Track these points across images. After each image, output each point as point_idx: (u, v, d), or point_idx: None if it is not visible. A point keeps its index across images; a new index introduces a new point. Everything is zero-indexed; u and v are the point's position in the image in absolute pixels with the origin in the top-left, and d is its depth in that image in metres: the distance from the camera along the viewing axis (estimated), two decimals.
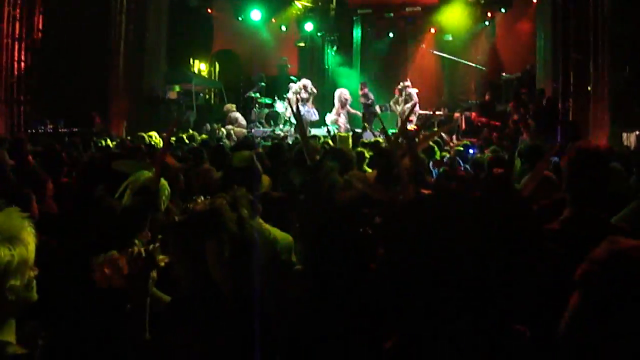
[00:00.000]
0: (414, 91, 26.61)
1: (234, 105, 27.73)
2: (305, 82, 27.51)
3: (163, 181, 4.88)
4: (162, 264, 3.45)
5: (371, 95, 27.26)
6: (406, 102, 26.54)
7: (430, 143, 9.97)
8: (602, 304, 2.33)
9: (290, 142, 15.83)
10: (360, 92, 27.41)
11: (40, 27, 21.18)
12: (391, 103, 27.59)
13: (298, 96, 26.57)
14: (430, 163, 10.01)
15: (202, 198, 3.57)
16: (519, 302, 2.64)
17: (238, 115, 27.01)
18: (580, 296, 2.39)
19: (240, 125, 26.25)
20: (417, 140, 4.13)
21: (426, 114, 24.93)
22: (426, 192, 2.95)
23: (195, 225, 3.39)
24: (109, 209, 4.66)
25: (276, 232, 4.92)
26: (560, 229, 4.22)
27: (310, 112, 26.51)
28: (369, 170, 8.84)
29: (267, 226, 4.88)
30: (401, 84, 27.33)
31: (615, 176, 6.99)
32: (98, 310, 3.83)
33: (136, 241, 4.43)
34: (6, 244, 2.62)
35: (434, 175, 8.99)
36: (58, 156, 9.21)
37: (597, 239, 2.52)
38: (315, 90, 27.61)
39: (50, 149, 9.78)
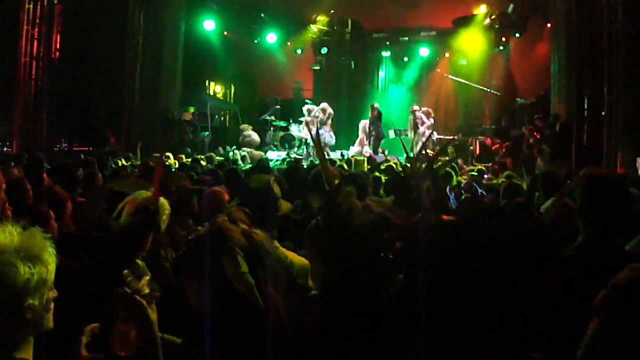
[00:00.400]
0: (423, 115, 26.56)
1: (250, 127, 27.82)
2: (324, 105, 27.55)
3: (163, 200, 4.87)
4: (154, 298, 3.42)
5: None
6: (416, 125, 26.49)
7: (447, 169, 9.99)
8: (621, 329, 2.35)
9: (305, 165, 15.81)
10: (370, 115, 27.39)
11: (58, 46, 21.34)
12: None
13: (316, 119, 26.60)
14: (447, 188, 10.01)
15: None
16: (536, 328, 2.66)
17: (253, 135, 27.11)
18: (600, 322, 2.41)
19: (253, 144, 26.34)
20: (434, 165, 4.15)
21: (441, 139, 24.94)
22: (447, 217, 2.96)
23: (205, 245, 3.42)
24: (106, 228, 4.66)
25: (292, 256, 4.92)
26: (573, 257, 4.22)
27: (326, 135, 26.53)
28: (384, 195, 8.85)
29: (283, 250, 4.89)
30: (411, 107, 27.36)
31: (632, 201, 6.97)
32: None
33: (138, 262, 4.45)
34: (27, 262, 2.64)
35: (450, 200, 8.98)
36: (73, 175, 9.22)
37: (610, 266, 2.54)
38: (332, 112, 27.63)
39: (63, 167, 9.77)
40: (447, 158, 13.43)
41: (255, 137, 27.17)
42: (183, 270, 3.58)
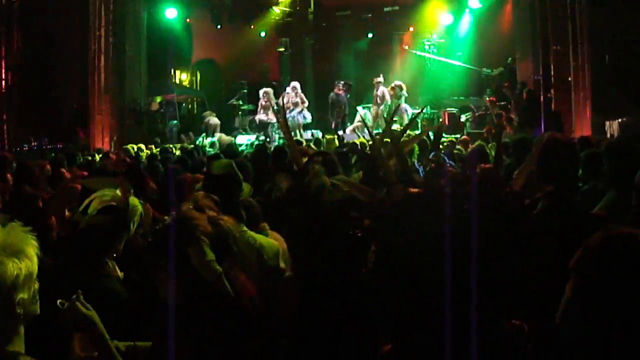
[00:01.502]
0: (385, 89, 26.28)
1: (213, 113, 27.63)
2: (295, 84, 27.36)
3: (136, 201, 4.76)
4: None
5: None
6: (380, 99, 26.22)
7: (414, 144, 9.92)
8: (596, 290, 2.34)
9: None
10: (336, 91, 27.23)
11: (19, 44, 21.10)
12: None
13: (288, 98, 26.39)
14: (416, 162, 10.00)
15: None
16: (514, 296, 2.64)
17: (212, 119, 26.93)
18: (575, 283, 2.40)
19: (215, 128, 26.18)
20: (402, 140, 4.12)
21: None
22: (414, 190, 2.94)
23: (171, 234, 3.37)
24: (72, 224, 4.57)
25: (261, 239, 4.89)
26: (542, 222, 4.21)
27: (298, 115, 26.35)
28: (355, 172, 8.81)
29: (251, 233, 4.85)
30: (375, 79, 27.05)
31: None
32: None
33: (108, 262, 4.36)
34: (13, 258, 2.68)
35: (420, 173, 8.97)
36: (33, 173, 9.05)
37: (581, 229, 2.52)
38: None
39: (22, 166, 9.58)
40: (416, 132, 13.42)
41: (214, 120, 26.92)
42: (150, 262, 3.52)
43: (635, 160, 5.63)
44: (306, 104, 26.56)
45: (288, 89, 27.01)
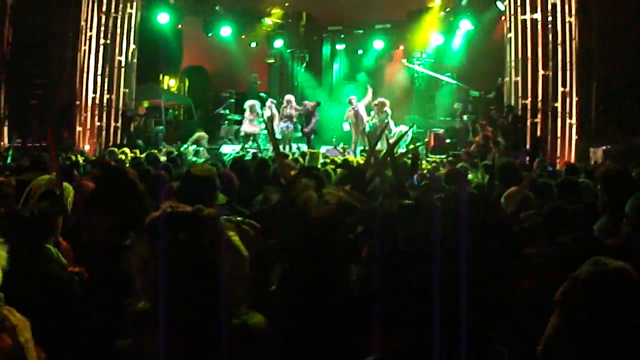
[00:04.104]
0: (361, 106, 26.22)
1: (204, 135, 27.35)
2: (290, 97, 27.38)
3: (66, 185, 4.80)
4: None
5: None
6: (356, 117, 26.20)
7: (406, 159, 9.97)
8: (581, 323, 2.33)
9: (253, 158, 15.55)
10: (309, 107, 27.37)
11: (10, 40, 20.98)
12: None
13: (283, 111, 26.45)
14: (415, 176, 10.06)
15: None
16: (499, 320, 2.63)
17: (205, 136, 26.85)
18: (561, 315, 2.39)
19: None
20: (390, 157, 4.13)
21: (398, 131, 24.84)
22: (408, 202, 2.96)
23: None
24: (17, 216, 4.54)
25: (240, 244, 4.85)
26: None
27: (292, 127, 26.36)
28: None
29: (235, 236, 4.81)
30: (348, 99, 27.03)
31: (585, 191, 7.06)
32: None
33: (49, 246, 4.37)
34: None
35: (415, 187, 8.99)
36: None
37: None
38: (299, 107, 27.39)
39: None
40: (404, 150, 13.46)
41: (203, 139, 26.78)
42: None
43: (629, 188, 5.68)
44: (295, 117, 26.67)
45: (272, 103, 27.02)
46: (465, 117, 26.65)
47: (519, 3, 22.42)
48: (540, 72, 21.27)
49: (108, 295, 4.37)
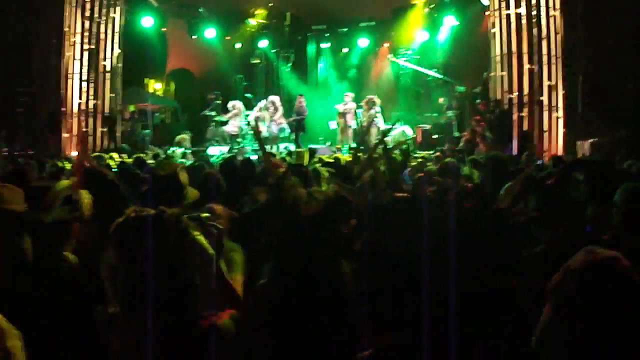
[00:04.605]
0: (352, 105, 26.37)
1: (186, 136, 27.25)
2: (274, 98, 27.41)
3: (83, 190, 4.79)
4: None
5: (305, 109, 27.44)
6: (346, 115, 26.31)
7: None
8: (574, 313, 2.32)
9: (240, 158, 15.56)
10: (297, 104, 27.46)
11: None
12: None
13: (266, 112, 26.48)
14: (407, 171, 10.07)
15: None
16: (494, 315, 2.62)
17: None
18: (553, 305, 2.38)
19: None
20: (384, 151, 4.15)
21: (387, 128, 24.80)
22: (401, 195, 2.96)
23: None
24: (37, 223, 4.51)
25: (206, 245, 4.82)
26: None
27: (275, 127, 26.35)
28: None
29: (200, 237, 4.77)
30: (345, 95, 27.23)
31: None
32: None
33: (67, 255, 4.35)
34: None
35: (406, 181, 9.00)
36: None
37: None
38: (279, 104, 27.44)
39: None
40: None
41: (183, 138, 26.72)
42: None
43: (612, 177, 5.72)
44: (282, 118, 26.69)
45: (262, 103, 27.07)
46: (449, 113, 26.68)
47: None
48: (526, 66, 21.31)
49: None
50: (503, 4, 22.38)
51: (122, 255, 3.27)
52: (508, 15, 22.15)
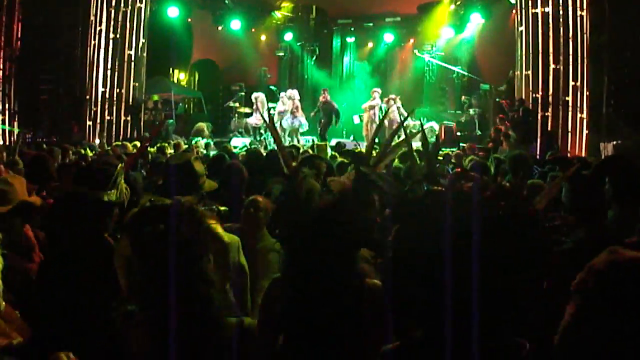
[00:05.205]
0: (376, 102, 26.30)
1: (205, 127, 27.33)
2: (291, 92, 27.35)
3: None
4: None
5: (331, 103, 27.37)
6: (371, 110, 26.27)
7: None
8: (597, 314, 2.29)
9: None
10: (321, 99, 27.34)
11: (19, 35, 21.00)
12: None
13: (287, 105, 26.46)
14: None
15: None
16: (522, 314, 2.60)
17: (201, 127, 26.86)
18: (577, 305, 2.35)
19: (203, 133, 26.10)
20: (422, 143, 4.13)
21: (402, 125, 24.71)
22: (437, 189, 2.95)
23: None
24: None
25: (225, 234, 4.80)
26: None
27: (295, 120, 26.32)
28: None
29: (217, 227, 4.76)
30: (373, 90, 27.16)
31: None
32: None
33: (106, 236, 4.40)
34: None
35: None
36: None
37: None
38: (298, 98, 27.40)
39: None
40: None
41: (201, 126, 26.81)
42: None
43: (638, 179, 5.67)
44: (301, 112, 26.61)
45: (284, 95, 27.04)
46: (471, 111, 26.62)
47: None
48: (552, 65, 21.19)
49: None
50: (530, 3, 22.25)
51: (137, 246, 3.25)
52: (535, 14, 22.00)
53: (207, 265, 3.27)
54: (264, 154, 11.16)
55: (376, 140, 5.55)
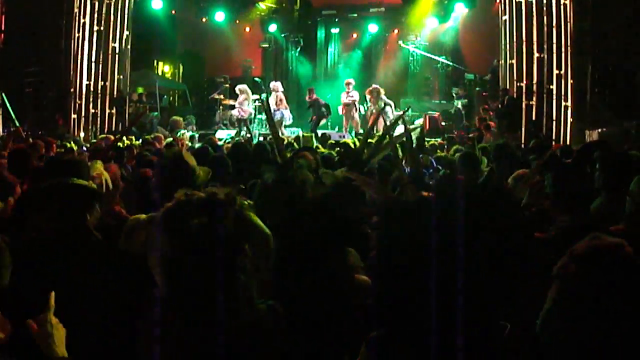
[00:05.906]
0: (355, 93, 26.24)
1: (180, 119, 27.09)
2: (277, 84, 27.25)
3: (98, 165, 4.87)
4: None
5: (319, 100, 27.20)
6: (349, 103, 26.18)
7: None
8: (578, 299, 2.34)
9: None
10: (307, 99, 27.23)
11: (3, 28, 20.90)
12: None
13: (272, 98, 26.40)
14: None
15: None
16: (505, 300, 2.63)
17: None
18: (558, 289, 2.40)
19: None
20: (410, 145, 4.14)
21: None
22: (427, 194, 2.94)
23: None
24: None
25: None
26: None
27: (277, 113, 26.25)
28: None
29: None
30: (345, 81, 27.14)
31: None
32: None
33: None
34: None
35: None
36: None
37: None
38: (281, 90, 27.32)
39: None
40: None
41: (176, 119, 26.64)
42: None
43: (627, 166, 5.72)
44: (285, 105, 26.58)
45: (272, 87, 26.97)
46: (458, 102, 26.66)
47: None
48: (535, 54, 21.24)
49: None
50: None
51: (175, 242, 3.16)
52: (519, 3, 22.02)
53: (247, 257, 3.22)
54: (251, 146, 11.14)
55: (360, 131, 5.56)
